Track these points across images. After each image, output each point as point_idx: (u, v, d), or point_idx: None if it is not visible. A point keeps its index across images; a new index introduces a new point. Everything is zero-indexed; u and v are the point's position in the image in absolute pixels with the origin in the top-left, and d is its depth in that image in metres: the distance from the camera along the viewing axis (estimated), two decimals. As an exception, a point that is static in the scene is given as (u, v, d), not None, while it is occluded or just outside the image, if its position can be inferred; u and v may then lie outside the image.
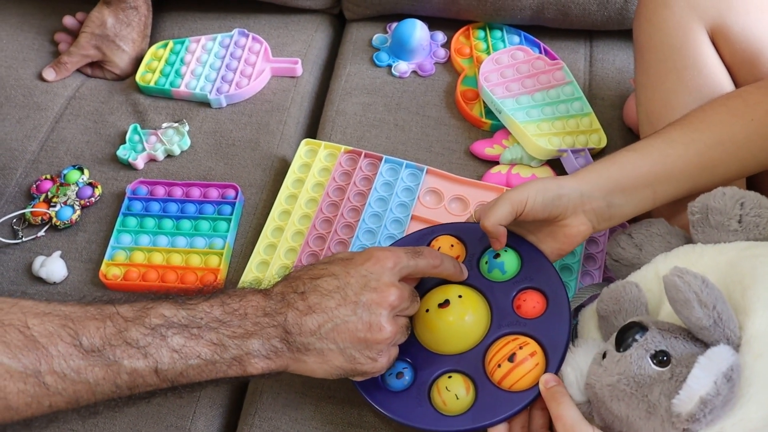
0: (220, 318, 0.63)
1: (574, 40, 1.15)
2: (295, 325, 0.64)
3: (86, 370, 0.59)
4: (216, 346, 0.62)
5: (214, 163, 1.01)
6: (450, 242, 0.78)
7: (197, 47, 1.12)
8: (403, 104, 1.06)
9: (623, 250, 0.78)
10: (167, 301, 0.64)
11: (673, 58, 0.87)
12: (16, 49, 1.15)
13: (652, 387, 0.61)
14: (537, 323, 0.72)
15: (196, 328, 0.62)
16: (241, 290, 0.67)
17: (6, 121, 1.06)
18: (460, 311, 0.73)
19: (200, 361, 0.62)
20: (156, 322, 0.61)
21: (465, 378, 0.70)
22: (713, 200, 0.72)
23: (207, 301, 0.64)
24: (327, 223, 0.92)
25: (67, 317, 0.60)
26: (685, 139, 0.75)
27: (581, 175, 0.75)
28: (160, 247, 0.92)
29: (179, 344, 0.61)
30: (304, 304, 0.64)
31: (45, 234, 0.95)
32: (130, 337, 0.60)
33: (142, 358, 0.60)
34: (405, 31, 1.08)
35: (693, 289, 0.60)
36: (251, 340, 0.63)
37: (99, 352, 0.59)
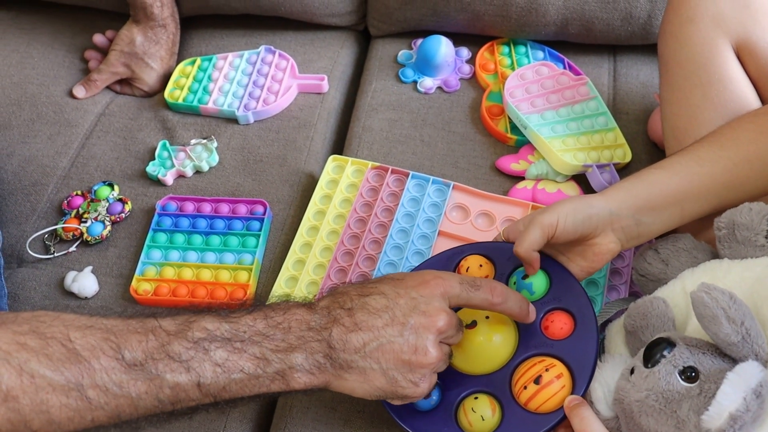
0: (264, 331, 0.62)
1: (598, 54, 1.15)
2: (339, 341, 0.63)
3: (129, 384, 0.58)
4: (259, 360, 0.61)
5: (242, 179, 1.02)
6: (479, 262, 0.79)
7: (224, 64, 1.14)
8: (428, 120, 1.07)
9: (650, 265, 0.79)
10: (210, 314, 0.63)
11: (699, 73, 0.88)
12: (47, 66, 1.17)
13: (680, 403, 0.62)
14: (564, 344, 0.72)
15: (239, 342, 0.61)
16: (285, 303, 0.66)
17: (38, 137, 1.08)
18: (488, 332, 0.73)
19: (243, 375, 0.61)
20: (199, 336, 0.61)
21: (491, 399, 0.71)
22: (740, 216, 0.72)
23: (250, 315, 0.63)
24: (355, 239, 0.93)
25: (109, 330, 0.59)
26: (712, 156, 0.76)
27: (609, 194, 0.75)
28: (189, 263, 0.93)
29: (222, 358, 0.60)
30: (351, 320, 0.63)
31: (76, 249, 0.96)
32: (172, 351, 0.59)
33: (185, 372, 0.60)
34: (430, 47, 1.09)
35: (721, 305, 0.60)
36: (295, 354, 0.62)
37: (141, 366, 0.59)
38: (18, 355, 0.56)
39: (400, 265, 0.89)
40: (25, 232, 0.98)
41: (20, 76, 1.16)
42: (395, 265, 0.90)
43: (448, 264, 0.80)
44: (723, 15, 0.86)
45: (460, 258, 0.80)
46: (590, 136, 1.01)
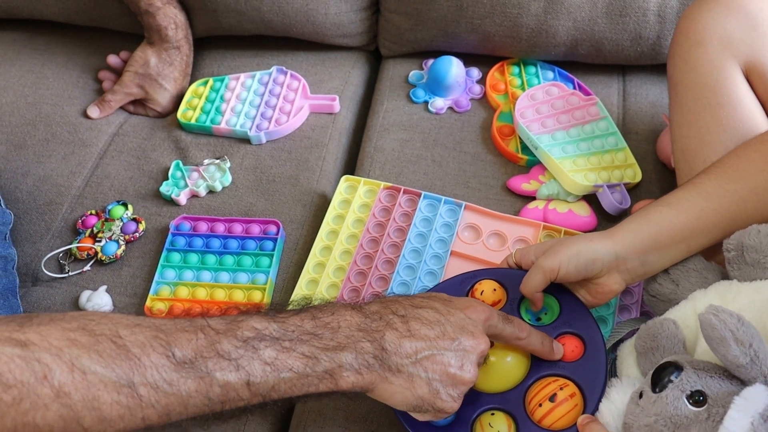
0: (312, 331, 0.63)
1: (608, 74, 1.16)
2: (393, 343, 0.64)
3: (179, 381, 0.58)
4: (308, 358, 0.61)
5: (255, 199, 1.03)
6: (492, 287, 0.80)
7: (236, 84, 1.15)
8: (440, 140, 1.08)
9: (660, 286, 0.79)
10: (258, 314, 0.63)
11: (707, 95, 0.88)
12: (61, 87, 1.19)
13: (689, 428, 0.62)
14: (575, 366, 0.74)
15: (288, 341, 0.61)
16: (332, 305, 0.66)
17: (52, 157, 1.09)
18: (504, 352, 0.75)
19: (292, 374, 0.61)
20: (248, 335, 0.60)
21: (507, 416, 0.72)
22: (748, 238, 0.72)
23: (297, 315, 0.64)
24: (368, 258, 0.93)
25: (158, 328, 0.59)
26: (719, 191, 0.76)
27: (616, 236, 0.75)
28: (203, 282, 0.94)
29: (271, 357, 0.60)
30: (405, 327, 0.64)
31: (91, 268, 0.97)
32: (222, 349, 0.59)
33: (235, 371, 0.59)
34: (441, 68, 1.10)
35: (729, 327, 0.60)
36: (344, 352, 0.62)
37: (191, 364, 0.58)
38: (69, 351, 0.55)
39: (412, 285, 0.90)
40: (40, 251, 0.99)
41: (35, 96, 1.17)
42: (408, 285, 0.90)
43: (462, 287, 0.82)
44: (731, 37, 0.87)
45: (474, 282, 0.82)
46: (600, 156, 1.02)
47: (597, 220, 0.98)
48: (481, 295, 0.80)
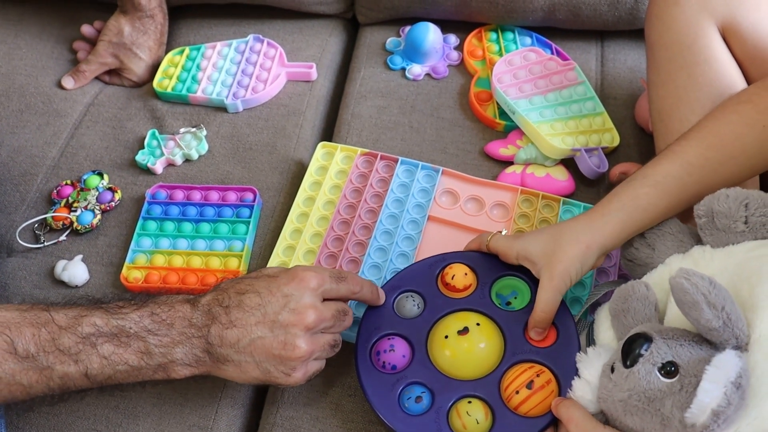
0: (149, 327, 0.68)
1: (586, 40, 1.16)
2: (216, 337, 0.68)
3: (21, 373, 0.65)
4: (143, 354, 0.67)
5: (231, 167, 1.02)
6: (464, 270, 0.81)
7: (213, 53, 1.14)
8: (417, 106, 1.07)
9: (636, 250, 0.79)
10: (100, 309, 0.68)
11: (684, 54, 0.88)
12: (35, 57, 1.17)
13: (663, 401, 0.62)
14: (548, 352, 0.75)
15: (126, 337, 0.67)
16: (171, 299, 0.71)
17: (26, 128, 1.08)
18: (478, 338, 0.76)
19: (127, 367, 0.67)
20: (88, 331, 0.66)
21: (483, 404, 0.73)
22: (717, 203, 0.72)
23: (138, 311, 0.69)
24: (345, 224, 0.93)
25: (4, 324, 0.65)
26: (700, 160, 0.75)
27: (608, 231, 0.75)
28: (180, 250, 0.93)
29: (108, 351, 0.67)
30: (227, 318, 0.68)
31: (66, 238, 0.96)
32: (62, 345, 0.66)
33: (73, 364, 0.66)
34: (418, 34, 1.09)
35: (701, 290, 0.60)
36: (176, 348, 0.68)
37: (33, 358, 0.65)
38: None
39: (390, 251, 0.90)
40: (15, 222, 0.98)
41: (8, 67, 1.16)
42: (385, 250, 0.90)
43: (432, 270, 0.82)
44: None
45: (444, 265, 0.82)
46: (578, 120, 1.02)
47: (575, 184, 0.98)
48: (452, 279, 0.80)
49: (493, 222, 0.92)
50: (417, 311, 0.79)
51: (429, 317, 0.79)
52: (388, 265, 0.89)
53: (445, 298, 0.80)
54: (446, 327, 0.77)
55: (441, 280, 0.81)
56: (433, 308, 0.79)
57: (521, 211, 0.93)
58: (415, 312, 0.79)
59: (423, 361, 0.76)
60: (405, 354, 0.76)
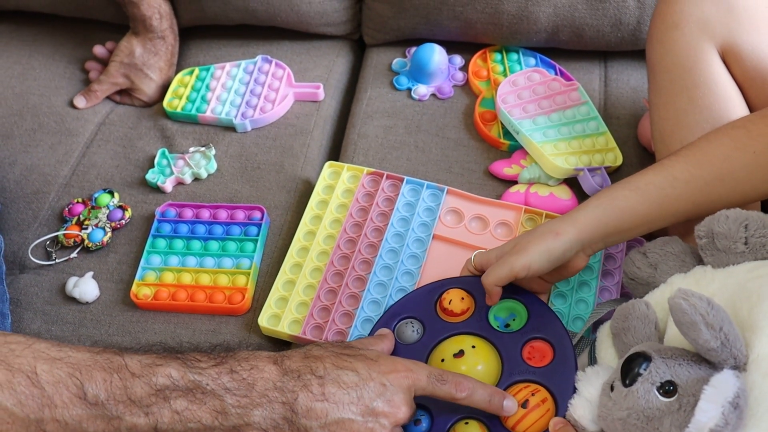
0: (227, 386, 0.64)
1: (589, 61, 1.17)
2: (304, 407, 0.64)
3: (88, 420, 0.62)
4: (218, 413, 0.63)
5: (240, 186, 1.04)
6: (460, 295, 0.81)
7: (222, 73, 1.16)
8: (423, 126, 1.09)
9: (638, 270, 0.79)
10: (176, 360, 0.65)
11: (684, 77, 0.89)
12: (48, 77, 1.19)
13: (662, 420, 0.62)
14: (545, 371, 0.75)
15: (201, 393, 0.63)
16: (254, 356, 0.67)
17: (39, 147, 1.10)
18: (474, 361, 0.76)
19: (200, 426, 0.63)
20: (162, 383, 0.63)
21: (480, 425, 0.73)
22: (717, 225, 0.72)
23: (216, 367, 0.65)
24: (351, 243, 0.94)
25: (75, 366, 0.62)
26: (686, 176, 0.76)
27: (580, 223, 0.76)
28: (189, 268, 0.95)
29: (182, 407, 0.63)
30: (320, 390, 0.65)
31: (77, 255, 0.98)
32: (134, 395, 0.62)
33: (144, 416, 0.62)
34: (424, 55, 1.11)
35: (699, 311, 0.60)
36: (255, 410, 0.64)
37: (102, 405, 0.62)
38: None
39: (395, 269, 0.91)
40: (27, 239, 1.00)
41: (22, 87, 1.18)
42: (391, 268, 0.91)
43: (430, 297, 0.83)
44: (708, 20, 0.88)
45: (442, 291, 0.83)
46: (582, 140, 1.03)
47: (578, 203, 0.98)
48: (450, 305, 0.81)
49: (497, 240, 0.94)
50: (416, 336, 0.80)
51: (428, 342, 0.80)
52: (393, 283, 0.90)
53: (443, 323, 0.81)
54: (443, 351, 0.78)
55: (439, 305, 0.82)
56: (432, 333, 0.80)
57: (525, 230, 0.94)
58: (415, 337, 0.80)
59: None
60: None
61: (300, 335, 0.86)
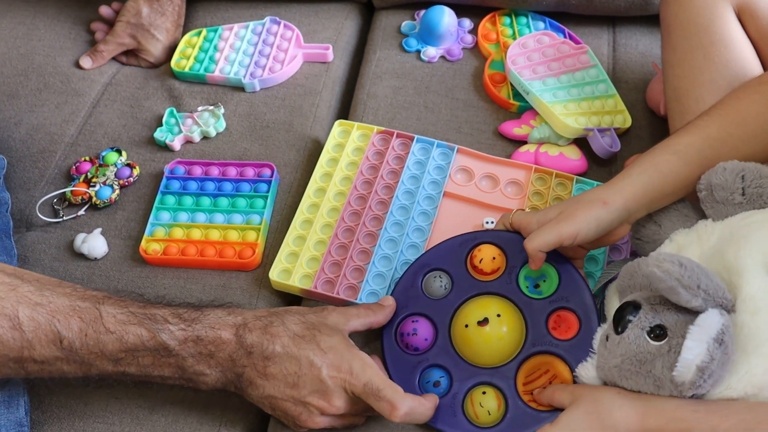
0: (191, 351, 0.71)
1: (598, 26, 1.17)
2: (247, 378, 0.72)
3: (62, 362, 0.69)
4: (178, 368, 0.71)
5: (249, 144, 1.03)
6: (492, 254, 0.80)
7: (230, 35, 1.15)
8: (432, 87, 1.09)
9: (644, 228, 0.80)
10: (148, 320, 0.71)
11: (700, 35, 0.90)
12: (53, 38, 1.18)
13: (654, 362, 0.64)
14: (568, 345, 0.75)
15: (166, 354, 0.71)
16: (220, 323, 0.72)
17: (45, 106, 1.09)
18: (497, 330, 0.76)
19: (161, 375, 0.72)
20: (132, 341, 0.70)
21: (498, 393, 0.74)
22: (715, 177, 0.74)
23: (184, 331, 0.71)
24: (361, 199, 0.94)
25: (54, 313, 0.68)
26: (722, 135, 0.76)
27: (628, 191, 0.75)
28: (198, 224, 0.94)
29: (147, 363, 0.71)
30: (263, 369, 0.71)
31: (85, 213, 0.97)
32: (105, 349, 0.69)
33: (112, 366, 0.70)
34: (434, 17, 1.11)
35: (674, 276, 0.62)
36: (210, 371, 0.72)
37: (76, 353, 0.69)
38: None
39: (406, 225, 0.91)
40: (34, 197, 0.99)
41: (27, 47, 1.17)
42: (402, 224, 0.91)
43: (461, 250, 0.82)
44: None
45: (474, 246, 0.82)
46: (591, 101, 1.03)
47: (587, 164, 0.99)
48: (480, 263, 0.80)
49: (507, 199, 0.94)
50: (444, 292, 0.80)
51: (455, 299, 0.80)
52: (404, 239, 0.90)
53: (472, 280, 0.81)
54: (467, 315, 0.78)
55: (470, 261, 0.82)
56: (459, 290, 0.80)
57: (535, 189, 0.94)
58: (442, 293, 0.80)
59: (445, 344, 0.77)
60: (428, 337, 0.78)
61: (311, 289, 0.86)
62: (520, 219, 0.80)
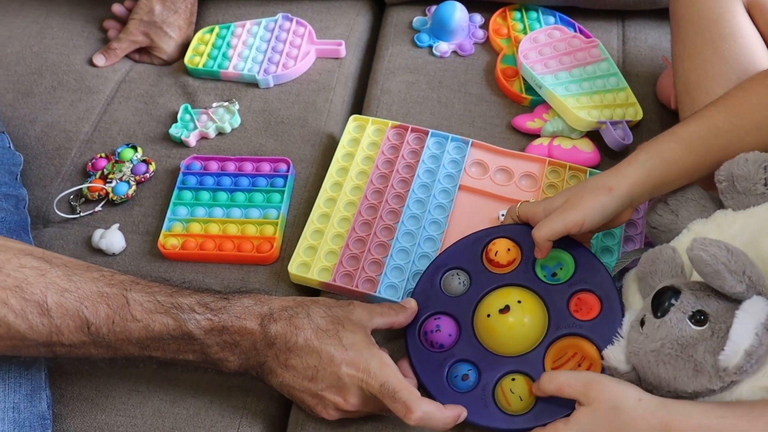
0: (216, 341, 0.72)
1: (607, 20, 1.18)
2: (268, 367, 0.73)
3: (89, 346, 0.70)
4: (202, 354, 0.73)
5: (264, 140, 1.04)
6: (507, 246, 0.81)
7: (243, 31, 1.16)
8: (445, 82, 1.10)
9: (660, 217, 0.81)
10: (175, 309, 0.72)
11: (710, 29, 0.90)
12: (66, 36, 1.19)
13: (695, 347, 0.64)
14: (592, 325, 0.76)
15: (191, 341, 0.72)
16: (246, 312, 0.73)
17: (59, 104, 1.10)
18: (520, 316, 0.77)
19: (185, 360, 0.74)
20: (159, 330, 0.71)
21: (527, 379, 0.74)
22: (737, 168, 0.74)
23: (210, 321, 0.72)
24: (378, 193, 0.95)
25: (82, 299, 0.69)
26: (727, 126, 0.77)
27: (632, 177, 0.76)
28: (215, 218, 0.95)
29: (173, 349, 0.72)
30: (285, 359, 0.72)
31: (102, 209, 0.98)
32: (132, 335, 0.71)
33: (139, 350, 0.72)
34: (446, 12, 1.12)
35: (720, 260, 0.62)
36: (233, 357, 0.73)
37: (103, 338, 0.70)
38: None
39: (422, 218, 0.91)
40: (50, 194, 1.00)
41: (40, 46, 1.18)
42: (418, 217, 0.92)
43: (476, 246, 0.83)
44: None
45: (488, 241, 0.83)
46: (603, 95, 1.04)
47: (600, 156, 1.00)
48: (496, 256, 0.81)
49: (522, 192, 0.94)
50: (463, 289, 0.81)
51: (474, 294, 0.80)
52: (421, 232, 0.90)
53: (489, 274, 0.81)
54: (488, 305, 0.78)
55: (485, 256, 0.83)
56: (478, 285, 0.81)
57: (549, 182, 0.95)
58: (461, 290, 0.81)
59: (469, 338, 0.78)
60: (451, 333, 0.78)
61: (331, 282, 0.87)
62: (526, 210, 0.81)
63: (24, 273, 0.68)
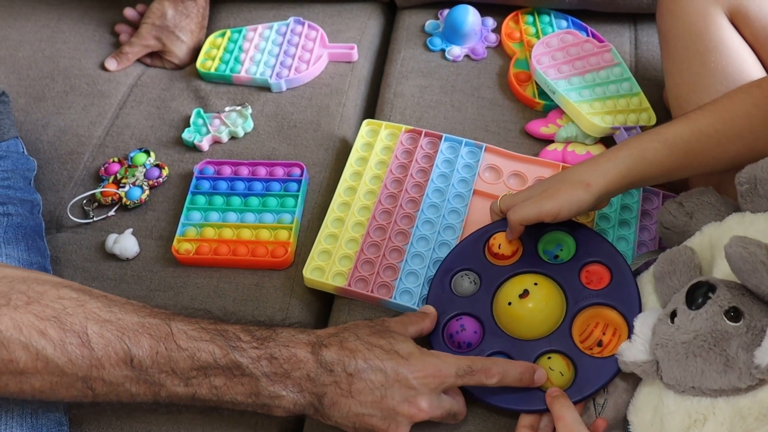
0: (265, 371, 0.69)
1: (619, 24, 1.18)
2: (330, 399, 0.69)
3: (131, 382, 0.67)
4: (252, 393, 0.69)
5: (277, 144, 1.04)
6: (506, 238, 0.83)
7: (254, 35, 1.16)
8: (458, 86, 1.09)
9: (674, 218, 0.81)
10: (220, 337, 0.69)
11: (695, 43, 0.92)
12: (77, 41, 1.19)
13: (729, 341, 0.64)
14: (607, 292, 0.78)
15: (240, 374, 0.68)
16: (294, 341, 0.71)
17: (72, 108, 1.10)
18: (540, 297, 0.78)
19: (234, 400, 0.69)
20: (204, 359, 0.68)
21: (561, 355, 0.75)
22: (761, 171, 0.74)
23: (257, 350, 0.69)
24: (392, 198, 0.95)
25: (124, 330, 0.66)
26: (710, 130, 0.78)
27: (611, 174, 0.77)
28: (229, 223, 0.95)
29: (220, 383, 0.68)
30: (348, 386, 0.69)
31: (115, 214, 0.98)
32: (177, 367, 0.67)
33: (183, 387, 0.68)
34: (458, 16, 1.12)
35: (759, 258, 0.62)
36: (287, 395, 0.69)
37: (146, 371, 0.67)
38: (37, 342, 0.63)
39: (437, 223, 0.91)
40: (63, 198, 1.00)
41: (52, 50, 1.18)
42: (433, 223, 0.92)
43: (477, 245, 0.85)
44: None
45: (488, 237, 0.85)
46: (616, 100, 1.04)
47: (614, 161, 0.99)
48: (500, 249, 0.83)
49: (536, 196, 0.94)
50: (474, 287, 0.82)
51: (488, 289, 0.81)
52: (436, 236, 0.90)
53: (497, 268, 0.83)
54: (507, 294, 0.80)
55: (489, 251, 0.84)
56: (488, 280, 0.82)
57: (564, 186, 0.95)
58: (473, 288, 0.82)
59: (494, 331, 0.78)
60: (476, 330, 0.79)
61: (346, 287, 0.87)
62: (507, 202, 0.83)
63: (63, 304, 0.66)
